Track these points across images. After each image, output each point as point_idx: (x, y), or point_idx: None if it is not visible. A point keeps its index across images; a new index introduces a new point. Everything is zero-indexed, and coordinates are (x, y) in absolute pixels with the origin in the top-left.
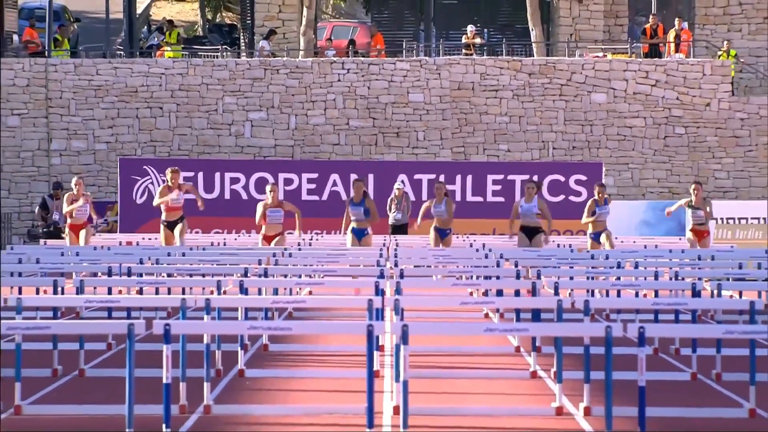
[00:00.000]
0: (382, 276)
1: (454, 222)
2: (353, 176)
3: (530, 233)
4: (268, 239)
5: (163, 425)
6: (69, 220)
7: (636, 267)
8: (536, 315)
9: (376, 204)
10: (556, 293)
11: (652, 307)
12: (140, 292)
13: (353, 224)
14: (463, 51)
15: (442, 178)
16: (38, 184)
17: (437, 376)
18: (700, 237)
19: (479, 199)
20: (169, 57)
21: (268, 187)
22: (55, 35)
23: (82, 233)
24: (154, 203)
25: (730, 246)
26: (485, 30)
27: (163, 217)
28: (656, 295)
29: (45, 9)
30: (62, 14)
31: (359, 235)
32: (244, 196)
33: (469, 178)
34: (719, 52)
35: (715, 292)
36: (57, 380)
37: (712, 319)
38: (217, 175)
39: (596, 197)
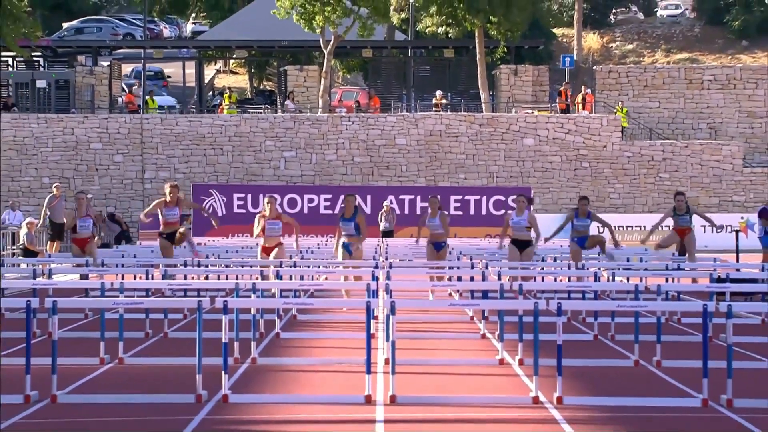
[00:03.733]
0: (376, 267)
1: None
2: (357, 198)
3: (521, 246)
4: (266, 250)
5: (222, 372)
6: (73, 234)
7: (555, 260)
8: (485, 294)
9: (371, 215)
10: (499, 279)
11: (567, 288)
12: (206, 277)
13: (344, 239)
14: (434, 108)
15: (419, 199)
16: (135, 203)
17: (416, 338)
18: (682, 234)
19: (444, 213)
20: (228, 113)
21: (265, 200)
22: (147, 98)
23: (88, 247)
24: (142, 214)
25: (620, 246)
26: (449, 94)
27: (160, 228)
28: (569, 280)
29: (151, 71)
30: (162, 74)
31: (349, 249)
32: (279, 210)
33: (438, 198)
34: (615, 109)
35: (610, 278)
36: (148, 340)
37: (608, 296)
38: (260, 195)
39: (578, 209)
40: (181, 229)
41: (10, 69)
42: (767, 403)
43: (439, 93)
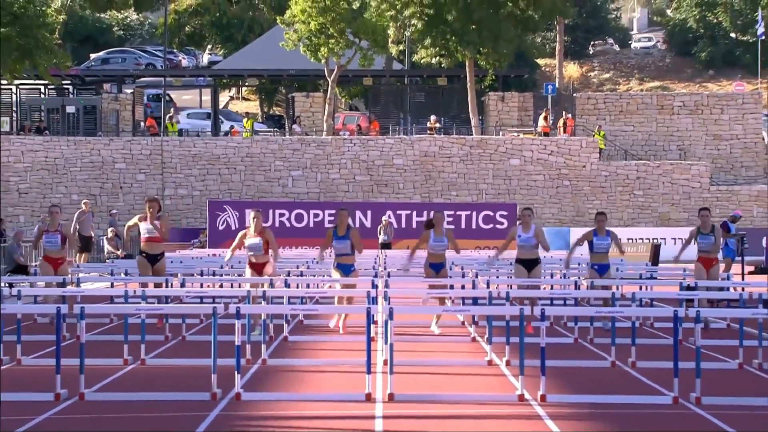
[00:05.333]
0: (376, 276)
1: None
2: (358, 212)
3: (528, 265)
4: (255, 267)
5: (235, 372)
6: (43, 252)
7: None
8: (475, 301)
9: (371, 229)
10: (488, 287)
11: (550, 296)
12: (221, 285)
13: (338, 260)
14: (428, 131)
15: (414, 214)
16: None
17: (411, 341)
18: (708, 265)
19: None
20: (245, 136)
21: (251, 214)
22: (167, 123)
23: (61, 269)
24: (125, 233)
25: None
26: (442, 118)
27: (141, 246)
28: (552, 288)
29: (157, 94)
30: (169, 96)
31: (346, 270)
32: (287, 225)
33: (432, 213)
34: (593, 132)
35: (589, 286)
36: (167, 343)
37: (587, 303)
38: (271, 211)
39: (597, 227)
40: (161, 260)
41: (43, 96)
42: (733, 401)
43: (433, 117)
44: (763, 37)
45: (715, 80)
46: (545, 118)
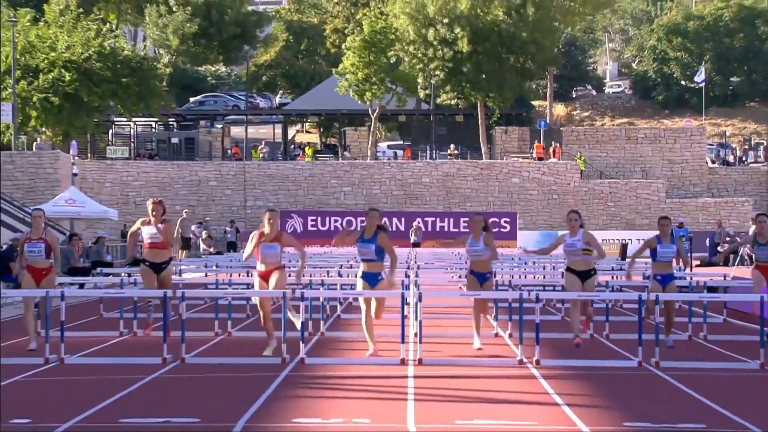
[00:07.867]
0: (408, 268)
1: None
2: (394, 219)
3: (582, 276)
4: (263, 275)
5: (300, 341)
6: (26, 262)
7: (534, 263)
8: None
9: (404, 232)
10: (495, 276)
11: (542, 283)
12: (289, 275)
13: (364, 267)
14: (448, 157)
15: (438, 220)
16: (239, 223)
17: (436, 317)
18: (767, 272)
19: (456, 230)
20: (306, 160)
21: (266, 215)
22: (251, 151)
23: (45, 281)
24: (129, 240)
25: None
26: (459, 147)
27: (144, 254)
28: (544, 278)
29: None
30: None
31: (372, 281)
32: (341, 228)
33: (451, 219)
34: (576, 158)
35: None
36: (248, 319)
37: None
38: (327, 218)
39: (660, 233)
40: (169, 267)
41: (154, 130)
42: (684, 365)
43: (452, 146)
44: (702, 84)
45: (670, 117)
46: (546, 149)
